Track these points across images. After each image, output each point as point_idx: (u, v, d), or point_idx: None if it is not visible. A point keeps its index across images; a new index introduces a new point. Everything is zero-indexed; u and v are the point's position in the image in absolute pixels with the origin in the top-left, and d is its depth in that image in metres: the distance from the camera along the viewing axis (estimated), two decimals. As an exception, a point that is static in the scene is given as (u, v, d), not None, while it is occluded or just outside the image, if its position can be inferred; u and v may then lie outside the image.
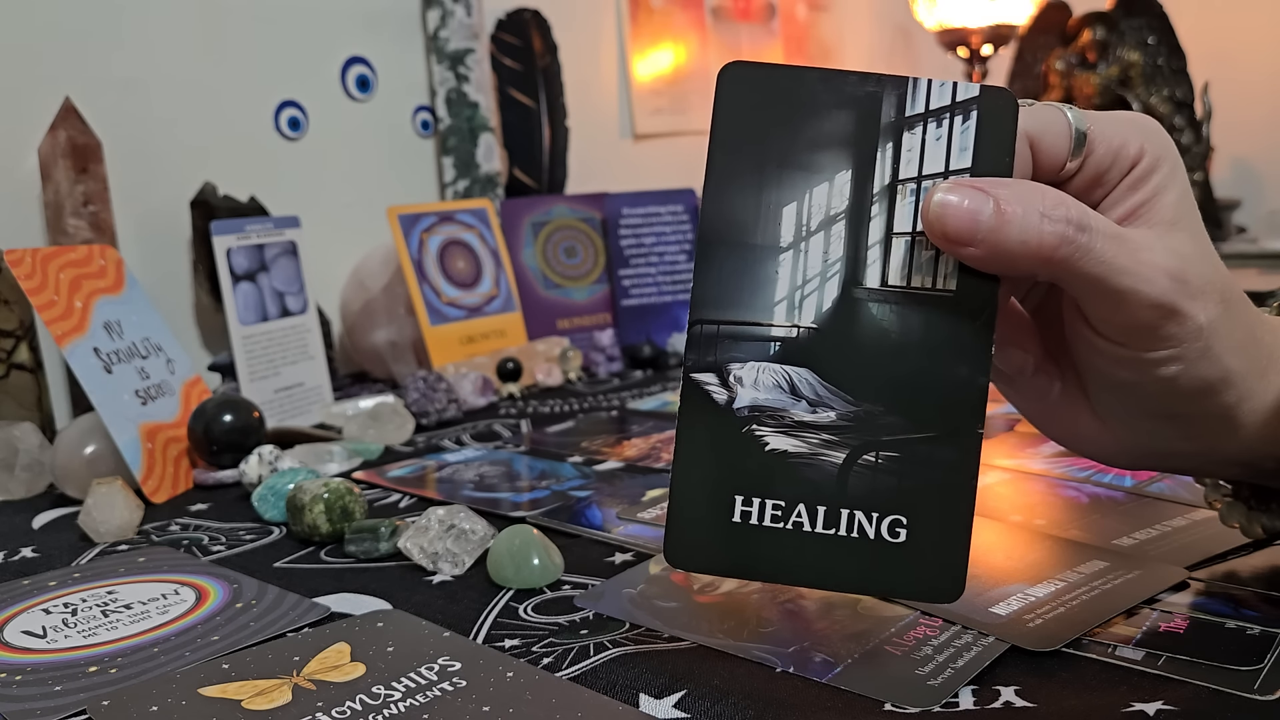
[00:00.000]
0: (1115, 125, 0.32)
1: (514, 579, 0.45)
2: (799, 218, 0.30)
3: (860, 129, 0.30)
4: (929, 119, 0.30)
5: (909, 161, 0.30)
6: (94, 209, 0.83)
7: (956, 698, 0.33)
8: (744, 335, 0.30)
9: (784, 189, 0.30)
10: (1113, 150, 0.32)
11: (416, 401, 0.80)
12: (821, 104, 0.30)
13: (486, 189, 1.15)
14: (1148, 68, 1.44)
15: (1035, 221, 0.29)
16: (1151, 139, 0.32)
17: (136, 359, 0.68)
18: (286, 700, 0.35)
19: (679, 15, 1.44)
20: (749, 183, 0.31)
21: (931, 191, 0.29)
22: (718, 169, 0.31)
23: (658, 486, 0.59)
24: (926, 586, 0.30)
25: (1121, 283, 0.30)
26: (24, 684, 0.38)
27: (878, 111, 0.30)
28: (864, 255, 0.30)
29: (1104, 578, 0.41)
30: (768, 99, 0.31)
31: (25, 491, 0.66)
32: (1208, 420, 0.33)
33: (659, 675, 0.36)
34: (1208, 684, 0.33)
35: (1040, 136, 0.32)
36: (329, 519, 0.53)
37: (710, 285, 0.30)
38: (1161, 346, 0.31)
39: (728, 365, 0.30)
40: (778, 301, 0.30)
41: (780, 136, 0.30)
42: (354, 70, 1.09)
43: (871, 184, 0.30)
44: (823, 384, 0.30)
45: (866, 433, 0.30)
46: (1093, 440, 0.36)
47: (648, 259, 1.10)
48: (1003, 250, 0.29)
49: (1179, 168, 0.32)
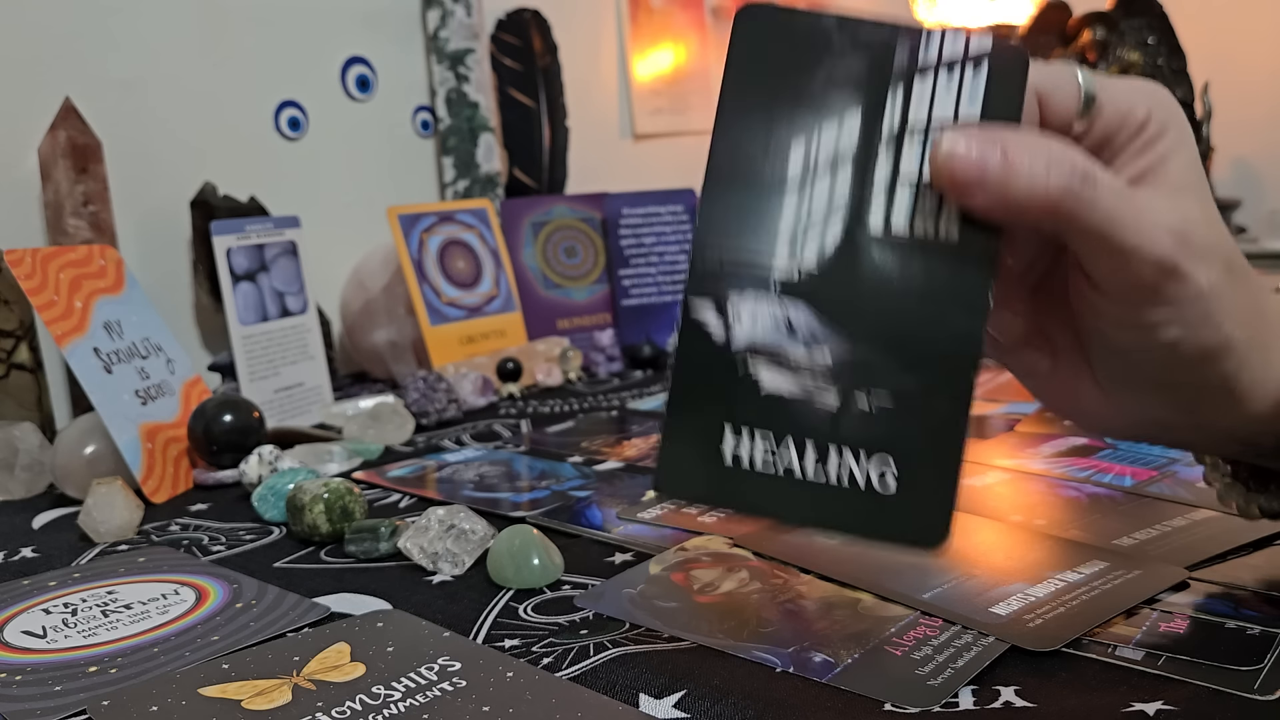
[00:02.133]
0: (1125, 89, 0.32)
1: (514, 579, 0.45)
2: (806, 157, 0.31)
3: (872, 74, 0.30)
4: (940, 68, 0.30)
5: (918, 108, 0.30)
6: (94, 209, 0.83)
7: (956, 698, 0.33)
8: (745, 267, 0.30)
9: (793, 128, 0.31)
10: (1121, 113, 0.32)
11: (416, 401, 0.80)
12: (835, 48, 0.31)
13: (486, 189, 1.15)
14: (1148, 68, 1.44)
15: (1041, 171, 0.29)
16: (1160, 104, 0.32)
17: (136, 359, 0.68)
18: (286, 700, 0.35)
19: (679, 15, 1.44)
20: (758, 120, 0.31)
21: (939, 138, 0.29)
22: (728, 105, 0.31)
23: (658, 486, 0.59)
24: (913, 531, 0.29)
25: (1124, 238, 0.30)
26: (24, 684, 0.38)
27: (890, 58, 0.30)
28: (868, 199, 0.30)
29: (1104, 578, 0.41)
30: (782, 40, 0.31)
31: (25, 491, 0.66)
32: (1209, 391, 0.33)
33: (659, 675, 0.36)
34: (1208, 684, 0.33)
35: (1050, 94, 0.32)
36: (329, 519, 0.53)
37: (715, 217, 0.31)
38: (1162, 306, 0.31)
39: (727, 296, 0.30)
40: (780, 238, 0.30)
41: (792, 77, 0.31)
42: (354, 70, 1.09)
43: (880, 128, 0.30)
44: (820, 324, 0.30)
45: (861, 376, 0.29)
46: (1094, 411, 0.36)
47: (648, 259, 1.10)
48: (1009, 199, 0.29)
49: (1187, 134, 0.32)
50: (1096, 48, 1.45)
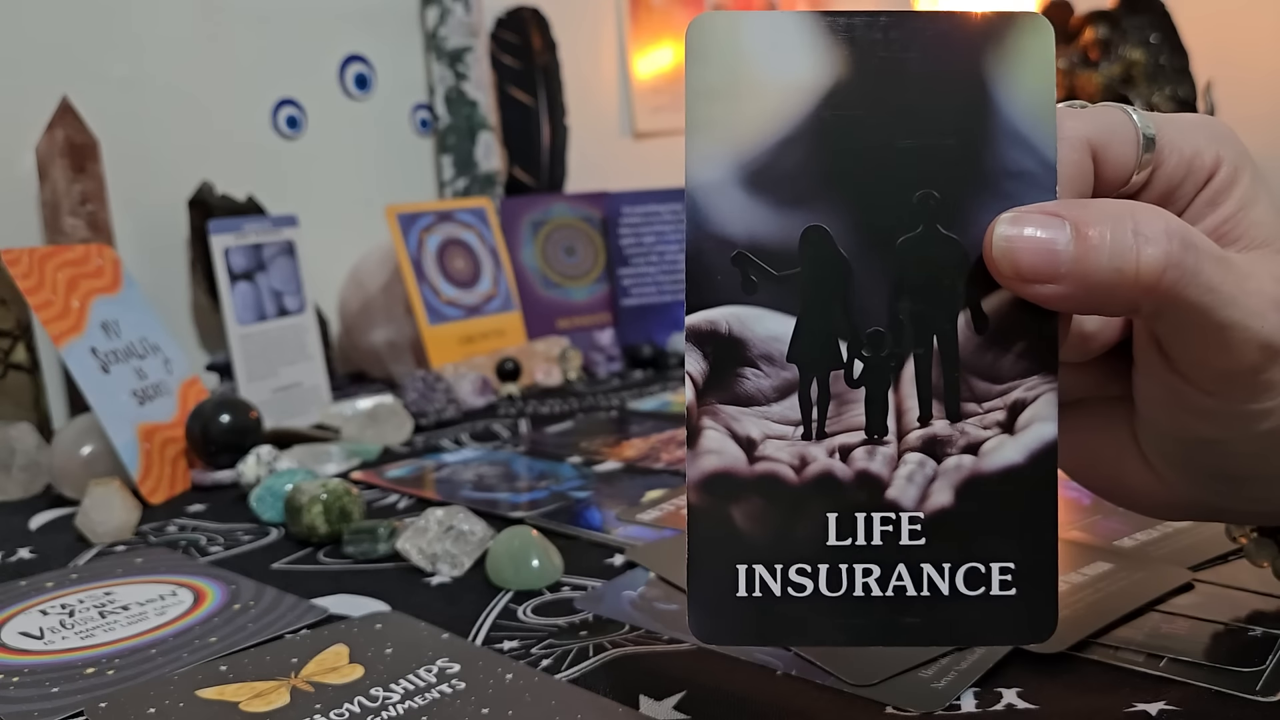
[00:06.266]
0: (1185, 130, 0.27)
1: (513, 580, 0.45)
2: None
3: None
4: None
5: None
6: (91, 208, 0.83)
7: (959, 700, 0.33)
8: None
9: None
10: (1185, 160, 0.27)
11: (415, 401, 0.80)
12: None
13: (485, 188, 1.14)
14: (1150, 66, 1.44)
15: (1128, 243, 0.24)
16: (1227, 145, 0.28)
17: (134, 359, 0.67)
18: (284, 702, 0.35)
19: (679, 12, 1.44)
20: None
21: (991, 226, 0.24)
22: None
23: (657, 488, 0.59)
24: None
25: (1229, 316, 0.24)
26: (21, 685, 0.38)
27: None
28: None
29: (1109, 579, 0.41)
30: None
31: (22, 492, 0.66)
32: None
33: (659, 677, 0.35)
34: (1210, 685, 0.32)
35: (1105, 145, 0.26)
36: (327, 520, 0.53)
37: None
38: (1263, 398, 0.26)
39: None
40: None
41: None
42: (352, 68, 1.08)
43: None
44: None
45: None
46: (1143, 494, 0.31)
47: (648, 258, 1.10)
48: (1092, 283, 0.24)
49: (1260, 178, 0.28)
50: (1099, 46, 1.45)
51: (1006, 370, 0.25)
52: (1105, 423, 0.31)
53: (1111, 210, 0.24)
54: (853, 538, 0.25)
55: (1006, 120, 0.25)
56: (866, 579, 0.25)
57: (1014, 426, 0.25)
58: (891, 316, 0.25)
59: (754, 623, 0.25)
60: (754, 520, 0.25)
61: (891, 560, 0.25)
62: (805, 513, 0.25)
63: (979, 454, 0.25)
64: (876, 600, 0.25)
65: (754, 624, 0.26)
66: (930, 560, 0.25)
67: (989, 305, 0.25)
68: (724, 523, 0.25)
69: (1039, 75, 0.25)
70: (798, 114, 0.25)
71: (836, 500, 0.25)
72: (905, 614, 0.25)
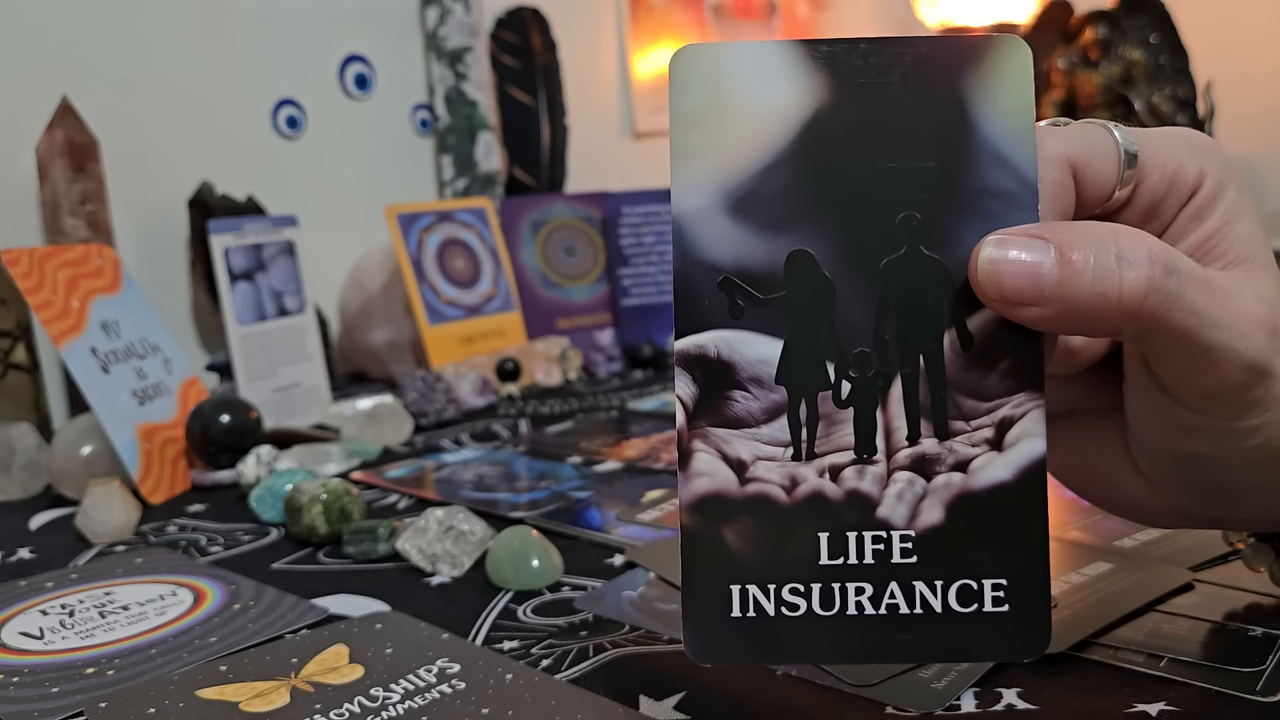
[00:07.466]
0: (1168, 144, 0.27)
1: (513, 580, 0.45)
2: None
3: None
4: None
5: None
6: (91, 208, 0.83)
7: (959, 700, 0.33)
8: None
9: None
10: (1168, 176, 0.27)
11: (415, 402, 0.80)
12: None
13: (485, 188, 1.14)
14: (1150, 66, 1.44)
15: (1111, 267, 0.24)
16: (1210, 159, 0.27)
17: (134, 359, 0.67)
18: (285, 702, 0.35)
19: (679, 13, 1.44)
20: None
21: (977, 249, 0.25)
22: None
23: (657, 488, 0.59)
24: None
25: (1214, 338, 0.25)
26: (21, 685, 0.38)
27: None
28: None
29: (1109, 579, 0.41)
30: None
31: (22, 492, 0.66)
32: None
33: (659, 677, 0.35)
34: (1210, 685, 0.32)
35: (1086, 163, 0.26)
36: (327, 520, 0.52)
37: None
38: (1250, 415, 0.26)
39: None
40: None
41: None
42: (352, 68, 1.08)
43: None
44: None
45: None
46: (1138, 503, 0.31)
47: (648, 258, 1.10)
48: (1075, 306, 0.24)
49: (1244, 192, 0.27)
50: (1099, 46, 1.45)
51: (993, 388, 0.25)
52: (1097, 434, 0.31)
53: (1095, 234, 0.24)
54: (845, 557, 0.25)
55: (987, 141, 0.25)
56: (859, 597, 0.25)
57: (1002, 444, 0.25)
58: (877, 337, 0.25)
59: (749, 642, 0.26)
60: (746, 541, 0.25)
61: (884, 578, 0.25)
62: (797, 533, 0.25)
63: (968, 471, 0.25)
64: (870, 618, 0.25)
65: (749, 644, 0.26)
66: (922, 578, 0.25)
67: (974, 324, 0.25)
68: (717, 544, 0.25)
69: (1018, 96, 0.25)
70: (780, 140, 0.25)
71: (828, 520, 0.25)
72: (899, 631, 0.25)
